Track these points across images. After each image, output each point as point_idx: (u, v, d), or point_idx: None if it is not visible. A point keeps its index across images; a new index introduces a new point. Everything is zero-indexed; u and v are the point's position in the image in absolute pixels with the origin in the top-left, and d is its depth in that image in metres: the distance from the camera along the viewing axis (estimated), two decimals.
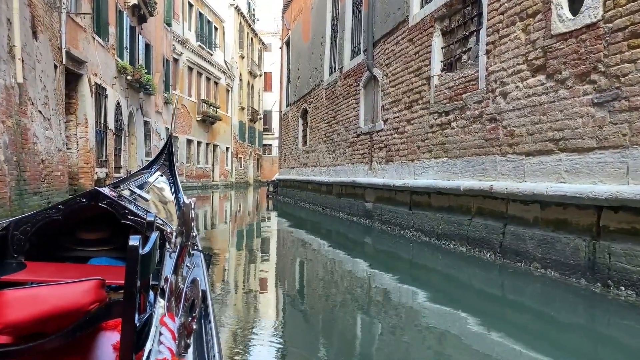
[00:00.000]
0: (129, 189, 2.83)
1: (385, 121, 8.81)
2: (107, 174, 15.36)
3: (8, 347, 1.35)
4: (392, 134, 8.47)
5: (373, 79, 9.50)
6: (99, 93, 14.95)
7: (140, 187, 3.13)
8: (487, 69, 5.79)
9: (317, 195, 13.38)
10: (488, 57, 5.77)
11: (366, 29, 9.73)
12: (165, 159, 4.30)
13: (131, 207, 2.20)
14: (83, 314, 1.38)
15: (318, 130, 13.63)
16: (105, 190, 2.21)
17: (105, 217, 2.25)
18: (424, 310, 4.37)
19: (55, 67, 11.44)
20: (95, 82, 14.46)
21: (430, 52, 7.16)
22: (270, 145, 49.26)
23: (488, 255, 5.67)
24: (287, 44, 18.76)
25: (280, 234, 10.93)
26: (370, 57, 9.37)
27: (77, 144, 13.80)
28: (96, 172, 14.43)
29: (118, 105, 17.16)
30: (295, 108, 16.70)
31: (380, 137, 8.97)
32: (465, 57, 6.45)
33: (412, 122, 7.73)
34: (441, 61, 7.04)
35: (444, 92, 6.76)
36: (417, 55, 7.62)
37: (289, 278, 6.02)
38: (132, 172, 4.79)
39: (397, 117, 8.25)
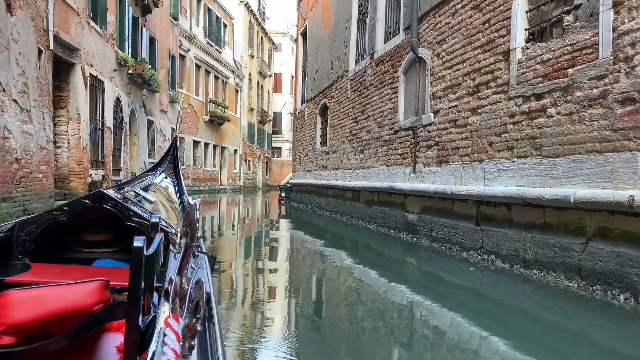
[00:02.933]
0: (134, 191, 2.78)
1: (436, 112, 7.07)
2: (103, 176, 13.72)
3: (12, 348, 1.33)
4: (447, 128, 6.73)
5: (417, 62, 7.77)
6: (95, 86, 13.33)
7: (145, 189, 3.10)
8: (615, 30, 4.05)
9: (339, 202, 11.66)
10: (617, 13, 4.03)
11: (408, 2, 8.01)
12: (170, 160, 4.26)
13: (136, 209, 2.18)
14: (87, 315, 1.37)
15: (341, 128, 11.90)
16: (110, 192, 2.22)
17: (109, 219, 2.24)
18: None
19: (40, 52, 9.83)
20: (90, 74, 12.84)
21: (510, 17, 5.43)
22: (280, 148, 47.93)
23: (622, 298, 3.90)
24: (304, 35, 17.08)
25: (295, 244, 9.48)
26: (414, 35, 7.65)
27: (69, 142, 12.18)
28: (90, 175, 12.78)
29: (118, 101, 15.54)
30: (313, 104, 15.00)
31: (429, 132, 7.23)
32: (569, 18, 4.70)
33: (479, 111, 5.98)
34: (526, 29, 5.30)
35: (534, 69, 5.02)
36: (486, 25, 5.88)
37: (302, 290, 5.41)
38: (136, 174, 4.59)
39: (455, 106, 6.52)
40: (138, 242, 1.07)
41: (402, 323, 4.07)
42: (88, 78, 12.73)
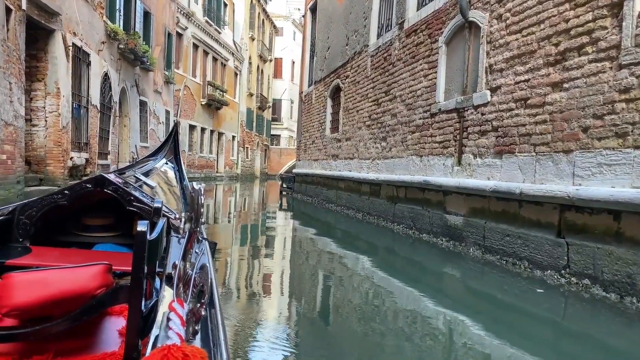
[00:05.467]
0: (135, 176, 2.77)
1: (494, 89, 5.61)
2: (87, 159, 12.23)
3: (14, 330, 1.33)
4: (511, 109, 5.27)
5: (467, 28, 6.29)
6: (79, 58, 11.77)
7: (146, 174, 3.08)
8: None
9: (353, 196, 10.22)
10: None
11: None
12: (171, 146, 4.27)
13: (136, 194, 2.19)
14: (89, 298, 1.36)
15: (357, 111, 10.43)
16: (111, 176, 2.23)
17: (110, 203, 2.26)
18: None
19: (9, 11, 8.30)
20: (73, 43, 11.28)
21: None
22: (279, 136, 46.73)
23: None
24: (313, 10, 15.52)
25: (300, 240, 8.29)
26: None
27: (46, 120, 10.66)
28: (71, 157, 11.27)
29: (106, 77, 13.98)
30: (322, 86, 13.49)
31: (483, 114, 5.78)
32: None
33: (565, 85, 4.53)
34: None
35: None
36: None
37: (305, 285, 4.99)
38: (137, 159, 4.32)
39: (526, 80, 5.06)
40: (142, 226, 1.07)
41: (434, 346, 3.24)
42: (70, 48, 11.18)
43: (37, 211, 2.10)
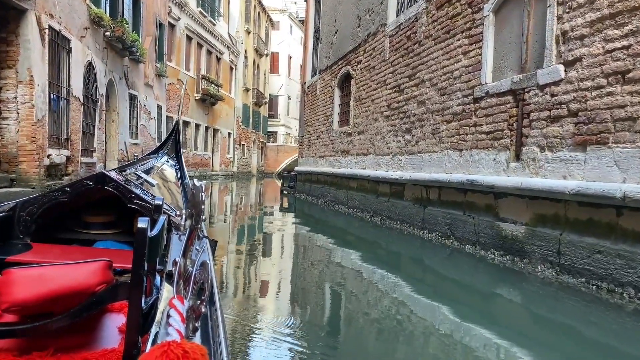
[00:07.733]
0: (136, 174, 2.77)
1: (572, 62, 4.36)
2: (68, 157, 10.94)
3: (14, 326, 1.32)
4: (600, 86, 4.03)
5: None
6: (57, 43, 10.46)
7: (147, 171, 3.08)
8: None
9: (369, 197, 8.98)
10: None
11: None
12: (172, 144, 4.30)
13: (137, 191, 2.19)
14: (89, 295, 1.35)
15: (373, 101, 9.17)
16: (112, 173, 2.21)
17: (111, 201, 2.25)
18: None
19: None
20: (49, 26, 9.98)
21: None
22: (276, 132, 45.68)
23: None
24: None
25: (305, 245, 7.41)
26: None
27: (18, 113, 9.37)
28: (49, 155, 9.98)
29: (90, 67, 12.67)
30: (329, 75, 12.22)
31: (554, 95, 4.53)
32: None
33: None
34: None
35: None
36: None
37: (308, 289, 4.53)
38: (138, 157, 4.34)
39: (625, 47, 3.82)
40: (143, 223, 1.07)
41: None
42: (47, 31, 9.88)
43: (37, 208, 2.11)
